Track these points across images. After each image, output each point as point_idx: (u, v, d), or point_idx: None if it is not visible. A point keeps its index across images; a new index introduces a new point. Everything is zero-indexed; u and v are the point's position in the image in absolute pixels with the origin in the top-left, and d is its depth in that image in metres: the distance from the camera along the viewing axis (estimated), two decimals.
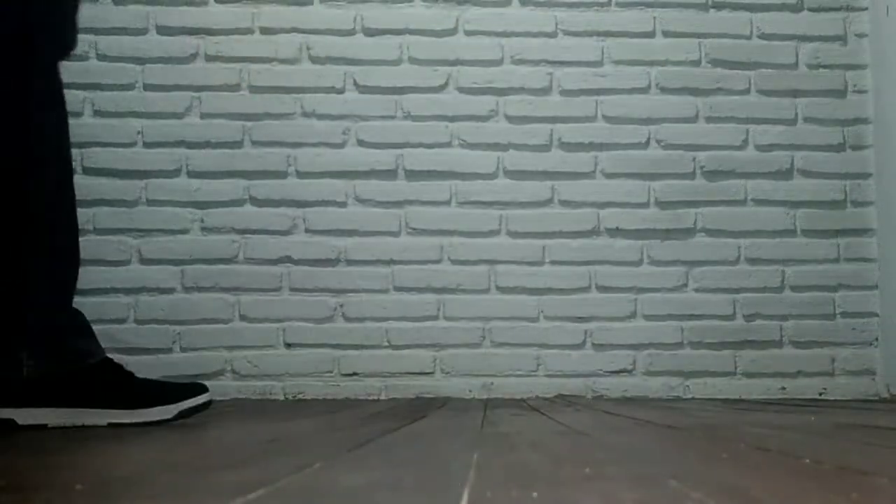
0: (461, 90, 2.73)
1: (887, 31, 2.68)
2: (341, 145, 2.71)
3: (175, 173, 2.68)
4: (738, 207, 2.74)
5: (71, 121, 2.66)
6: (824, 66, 2.78)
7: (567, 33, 2.75)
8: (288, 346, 2.66)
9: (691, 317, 2.70)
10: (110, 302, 2.64)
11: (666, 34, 2.75)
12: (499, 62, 2.73)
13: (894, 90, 2.64)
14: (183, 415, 1.52)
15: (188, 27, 2.72)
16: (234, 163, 2.69)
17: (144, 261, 2.66)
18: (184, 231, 2.67)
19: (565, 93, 2.73)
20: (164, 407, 1.51)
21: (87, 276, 2.64)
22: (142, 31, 2.71)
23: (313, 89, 2.71)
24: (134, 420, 1.49)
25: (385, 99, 2.72)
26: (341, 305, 2.67)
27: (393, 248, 2.66)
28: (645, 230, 2.71)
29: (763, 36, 2.77)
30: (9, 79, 1.48)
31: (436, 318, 2.67)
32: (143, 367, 2.63)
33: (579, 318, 2.70)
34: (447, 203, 2.70)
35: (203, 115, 2.70)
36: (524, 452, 0.95)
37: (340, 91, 2.72)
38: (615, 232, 2.72)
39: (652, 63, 2.77)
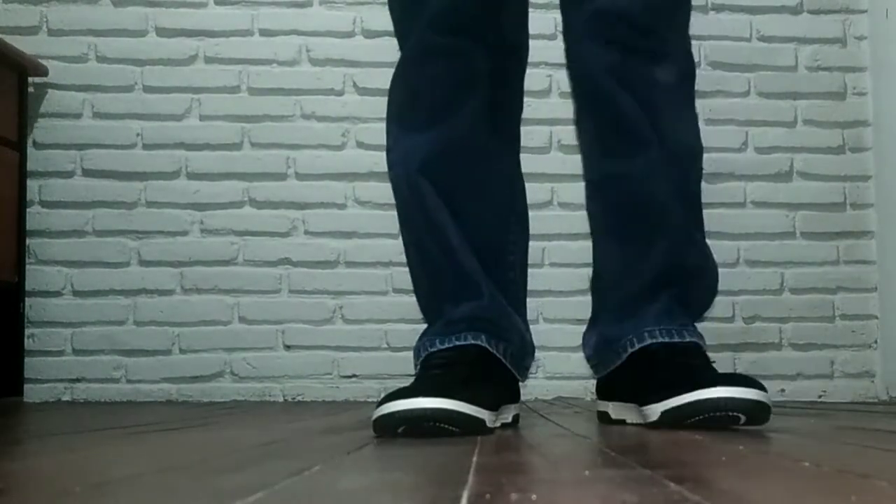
0: None
1: (887, 34, 2.68)
2: (341, 147, 2.71)
3: (174, 175, 2.68)
4: (737, 210, 2.74)
5: (70, 123, 2.69)
6: (824, 69, 2.77)
7: None
8: (287, 347, 2.66)
9: None
10: (109, 304, 2.64)
11: None
12: None
13: (894, 93, 2.65)
14: None
15: (187, 29, 2.72)
16: (233, 165, 2.69)
17: (144, 262, 2.66)
18: (183, 233, 2.67)
19: (565, 95, 2.73)
20: None
21: (87, 278, 2.64)
22: (141, 33, 2.71)
23: (313, 91, 2.71)
24: None
25: (384, 101, 2.70)
26: (340, 307, 2.67)
27: (392, 250, 2.66)
28: None
29: (762, 38, 2.77)
30: None
31: None
32: (141, 368, 2.63)
33: (578, 320, 2.68)
34: None
35: (202, 117, 2.70)
36: (523, 454, 0.95)
37: (340, 93, 2.72)
38: None
39: None
